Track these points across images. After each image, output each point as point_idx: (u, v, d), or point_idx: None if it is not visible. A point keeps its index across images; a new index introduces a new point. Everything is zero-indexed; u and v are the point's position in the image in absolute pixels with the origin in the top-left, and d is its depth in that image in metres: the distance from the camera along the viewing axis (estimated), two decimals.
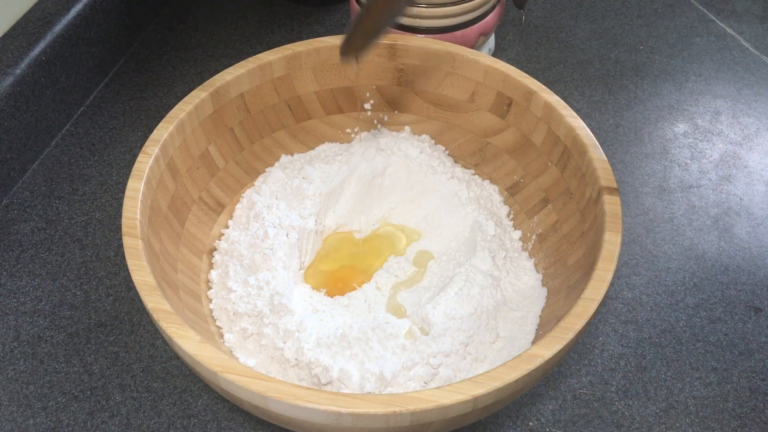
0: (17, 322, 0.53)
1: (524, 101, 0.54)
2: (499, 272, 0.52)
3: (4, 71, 0.59)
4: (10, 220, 0.60)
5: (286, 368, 0.46)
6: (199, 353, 0.38)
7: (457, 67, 0.56)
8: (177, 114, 0.50)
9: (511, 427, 0.49)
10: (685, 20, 0.81)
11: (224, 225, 0.55)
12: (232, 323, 0.48)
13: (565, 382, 0.51)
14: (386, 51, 0.57)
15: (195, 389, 0.50)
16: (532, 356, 0.38)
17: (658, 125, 0.70)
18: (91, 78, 0.70)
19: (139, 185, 0.46)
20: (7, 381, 0.50)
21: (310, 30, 0.78)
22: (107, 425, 0.48)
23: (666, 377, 0.52)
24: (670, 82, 0.74)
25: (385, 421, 0.37)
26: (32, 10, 0.64)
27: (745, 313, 0.56)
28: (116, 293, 0.55)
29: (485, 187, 0.57)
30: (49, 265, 0.57)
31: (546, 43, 0.78)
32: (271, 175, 0.56)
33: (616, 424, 0.49)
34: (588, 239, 0.48)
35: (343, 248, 0.56)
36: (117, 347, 0.52)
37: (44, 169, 0.64)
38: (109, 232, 0.59)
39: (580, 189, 0.50)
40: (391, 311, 0.51)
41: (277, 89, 0.56)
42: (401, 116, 0.60)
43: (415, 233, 0.57)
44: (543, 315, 0.49)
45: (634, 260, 0.59)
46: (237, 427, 0.48)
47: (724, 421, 0.50)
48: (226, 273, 0.50)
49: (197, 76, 0.72)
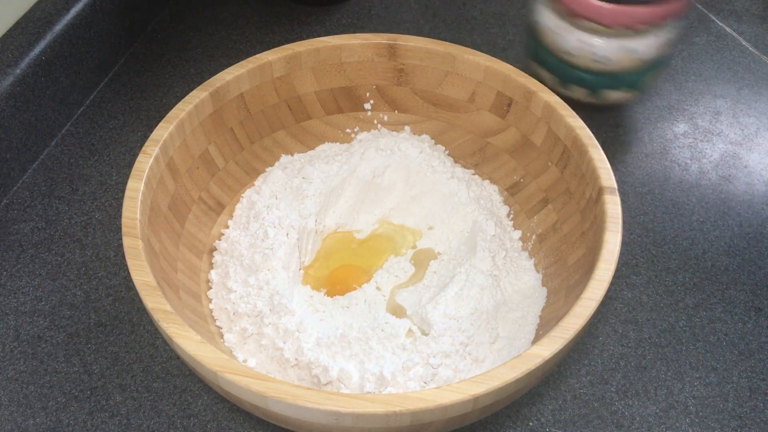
0: (17, 322, 0.53)
1: (524, 101, 0.54)
2: (499, 272, 0.52)
3: (4, 71, 0.59)
4: (10, 220, 0.60)
5: (286, 368, 0.46)
6: (199, 353, 0.38)
7: (457, 66, 0.56)
8: (177, 114, 0.50)
9: (511, 427, 0.49)
10: (684, 20, 0.81)
11: (224, 225, 0.55)
12: (232, 323, 0.48)
13: (565, 382, 0.51)
14: (386, 51, 0.57)
15: (195, 389, 0.50)
16: (532, 356, 0.38)
17: (658, 125, 0.70)
18: (91, 78, 0.70)
19: (139, 185, 0.46)
20: (7, 381, 0.50)
21: (310, 30, 0.78)
22: (107, 425, 0.48)
23: (666, 377, 0.52)
24: (670, 82, 0.74)
25: (385, 421, 0.37)
26: (32, 10, 0.64)
27: (745, 313, 0.56)
28: (116, 293, 0.55)
29: (485, 187, 0.57)
30: (49, 265, 0.57)
31: None
32: (271, 175, 0.56)
33: (616, 424, 0.49)
34: (588, 239, 0.48)
35: (343, 248, 0.56)
36: (117, 347, 0.52)
37: (44, 169, 0.64)
38: (109, 232, 0.59)
39: (580, 189, 0.50)
40: (391, 311, 0.51)
41: (277, 89, 0.56)
42: (401, 116, 0.60)
43: (415, 233, 0.57)
44: (543, 315, 0.49)
45: (634, 260, 0.59)
46: (237, 427, 0.48)
47: (724, 421, 0.50)
48: (226, 273, 0.50)
49: (197, 76, 0.72)
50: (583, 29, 0.60)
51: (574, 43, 0.61)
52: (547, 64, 0.65)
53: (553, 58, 0.64)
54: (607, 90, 0.64)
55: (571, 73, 0.64)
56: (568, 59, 0.63)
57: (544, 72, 0.66)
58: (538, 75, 0.66)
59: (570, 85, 0.65)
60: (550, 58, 0.64)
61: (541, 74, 0.66)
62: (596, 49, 0.60)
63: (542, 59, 0.66)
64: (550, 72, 0.66)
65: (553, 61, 0.64)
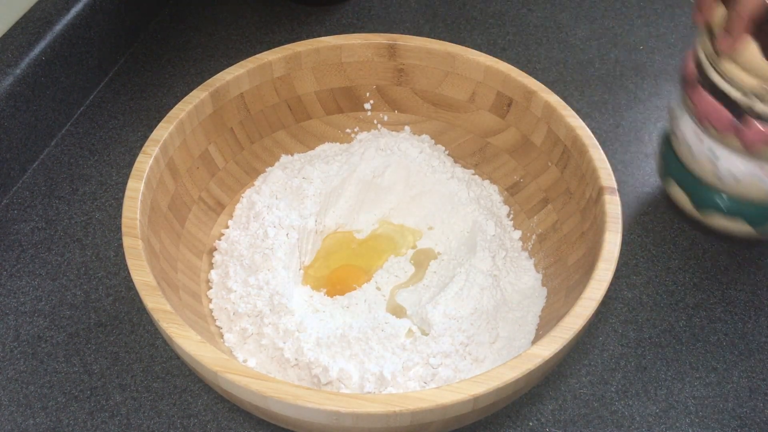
0: (17, 322, 0.53)
1: (524, 101, 0.54)
2: (498, 272, 0.52)
3: (4, 71, 0.59)
4: (10, 220, 0.60)
5: (286, 368, 0.46)
6: (199, 353, 0.38)
7: (457, 66, 0.56)
8: (177, 114, 0.50)
9: (511, 427, 0.49)
10: (685, 20, 0.81)
11: (224, 225, 0.55)
12: (232, 323, 0.48)
13: (565, 382, 0.51)
14: (386, 51, 0.57)
15: (195, 389, 0.50)
16: (531, 356, 0.38)
17: (658, 125, 0.69)
18: (91, 78, 0.70)
19: (139, 185, 0.46)
20: (7, 381, 0.50)
21: (310, 30, 0.78)
22: (107, 425, 0.48)
23: (666, 377, 0.52)
24: (670, 82, 0.74)
25: (385, 421, 0.37)
26: (32, 10, 0.64)
27: (745, 313, 0.56)
28: (116, 293, 0.55)
29: (485, 187, 0.57)
30: (49, 265, 0.57)
31: (546, 43, 0.78)
32: (271, 175, 0.56)
33: (616, 424, 0.49)
34: (588, 239, 0.48)
35: (343, 248, 0.56)
36: (117, 347, 0.52)
37: (44, 169, 0.64)
38: (109, 232, 0.59)
39: (580, 189, 0.50)
40: (391, 311, 0.51)
41: (277, 89, 0.56)
42: (401, 116, 0.60)
43: (415, 233, 0.57)
44: (543, 315, 0.49)
45: (634, 260, 0.59)
46: (237, 427, 0.48)
47: (724, 421, 0.50)
48: (226, 273, 0.50)
49: (197, 76, 0.72)
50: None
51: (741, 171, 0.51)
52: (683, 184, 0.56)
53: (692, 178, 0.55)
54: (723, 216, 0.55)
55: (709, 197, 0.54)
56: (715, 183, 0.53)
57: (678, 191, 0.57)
58: (673, 194, 0.57)
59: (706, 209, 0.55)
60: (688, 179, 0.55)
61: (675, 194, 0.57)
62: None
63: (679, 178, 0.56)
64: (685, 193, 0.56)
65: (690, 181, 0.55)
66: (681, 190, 0.56)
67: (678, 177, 0.56)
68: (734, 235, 0.56)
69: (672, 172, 0.57)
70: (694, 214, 0.56)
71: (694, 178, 0.55)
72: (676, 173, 0.56)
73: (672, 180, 0.57)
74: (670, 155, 0.57)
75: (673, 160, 0.57)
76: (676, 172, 0.56)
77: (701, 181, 0.54)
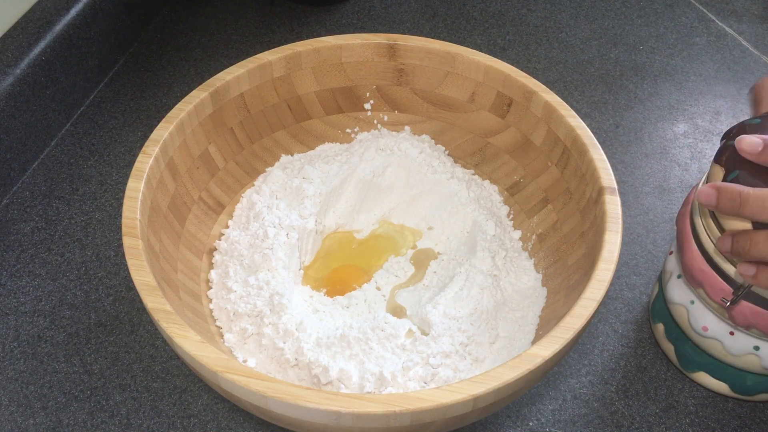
0: (17, 322, 0.53)
1: (524, 101, 0.54)
2: (498, 272, 0.52)
3: (4, 71, 0.59)
4: (10, 220, 0.60)
5: (286, 368, 0.46)
6: (199, 353, 0.38)
7: (457, 66, 0.56)
8: (177, 114, 0.50)
9: (511, 427, 0.49)
10: (685, 20, 0.81)
11: (224, 225, 0.55)
12: (232, 323, 0.48)
13: (565, 382, 0.51)
14: (386, 51, 0.57)
15: (195, 389, 0.50)
16: (531, 356, 0.38)
17: (658, 125, 0.70)
18: (91, 78, 0.70)
19: (139, 185, 0.46)
20: (7, 381, 0.50)
21: (310, 30, 0.78)
22: (107, 425, 0.48)
23: (666, 377, 0.52)
24: (670, 82, 0.74)
25: (385, 421, 0.37)
26: (32, 10, 0.64)
27: None
28: (116, 293, 0.55)
29: (485, 187, 0.57)
30: (49, 265, 0.57)
31: (546, 43, 0.78)
32: (271, 175, 0.56)
33: (616, 424, 0.49)
34: (588, 239, 0.48)
35: (343, 248, 0.56)
36: (117, 347, 0.52)
37: (44, 169, 0.64)
38: (109, 232, 0.59)
39: (580, 189, 0.50)
40: (391, 311, 0.51)
41: (277, 89, 0.56)
42: (401, 116, 0.60)
43: (415, 233, 0.57)
44: (543, 315, 0.49)
45: (634, 260, 0.59)
46: (237, 427, 0.48)
47: (724, 421, 0.50)
48: (226, 273, 0.50)
49: (197, 76, 0.72)
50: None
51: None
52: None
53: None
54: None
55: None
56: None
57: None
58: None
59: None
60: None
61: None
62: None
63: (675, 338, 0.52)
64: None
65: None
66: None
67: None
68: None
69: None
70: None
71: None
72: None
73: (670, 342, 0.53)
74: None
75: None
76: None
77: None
